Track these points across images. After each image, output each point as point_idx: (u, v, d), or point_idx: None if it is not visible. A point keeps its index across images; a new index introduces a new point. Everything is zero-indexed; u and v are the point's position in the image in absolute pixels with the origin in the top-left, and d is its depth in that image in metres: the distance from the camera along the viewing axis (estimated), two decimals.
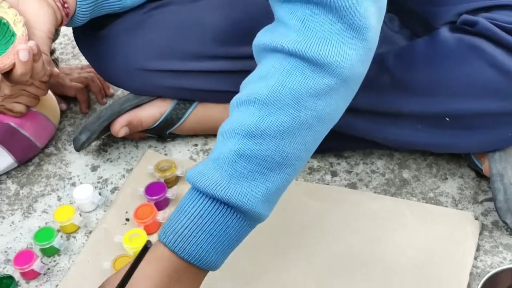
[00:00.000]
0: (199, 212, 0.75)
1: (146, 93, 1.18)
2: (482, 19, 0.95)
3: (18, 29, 0.95)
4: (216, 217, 0.75)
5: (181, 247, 0.75)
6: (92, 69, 1.37)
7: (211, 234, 0.75)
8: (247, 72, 1.10)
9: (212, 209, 0.75)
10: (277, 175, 0.76)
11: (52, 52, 1.35)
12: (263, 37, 0.79)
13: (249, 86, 0.79)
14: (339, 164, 1.16)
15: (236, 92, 1.13)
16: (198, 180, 0.75)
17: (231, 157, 0.75)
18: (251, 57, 1.09)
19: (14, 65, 0.93)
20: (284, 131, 0.75)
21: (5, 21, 0.96)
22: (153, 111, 1.19)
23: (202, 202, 0.75)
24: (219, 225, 0.75)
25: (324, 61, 0.74)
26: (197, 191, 0.76)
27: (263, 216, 0.78)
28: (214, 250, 0.76)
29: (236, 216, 0.76)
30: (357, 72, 0.78)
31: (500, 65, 0.93)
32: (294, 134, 0.76)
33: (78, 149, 1.18)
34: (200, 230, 0.75)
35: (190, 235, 0.75)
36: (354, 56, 0.75)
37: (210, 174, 0.75)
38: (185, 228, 0.75)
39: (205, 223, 0.75)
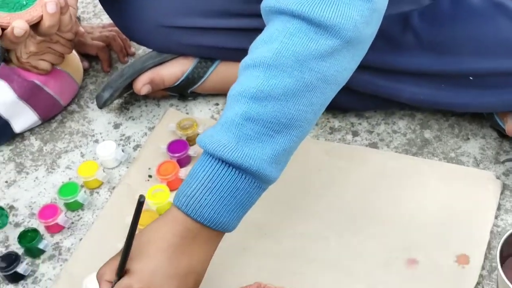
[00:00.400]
0: (209, 175, 0.76)
1: (169, 51, 1.18)
2: None
3: None
4: (225, 179, 0.76)
5: (193, 209, 0.76)
6: (114, 28, 1.37)
7: (221, 196, 0.76)
8: None
9: (221, 172, 0.76)
10: (283, 137, 0.77)
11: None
12: (269, 0, 0.79)
13: (255, 50, 0.79)
14: (360, 124, 1.17)
15: None
16: (208, 144, 0.76)
17: (238, 120, 0.76)
18: None
19: (41, 17, 0.93)
20: (289, 93, 0.76)
21: None
22: (175, 69, 1.19)
23: (211, 165, 0.76)
24: (228, 188, 0.76)
25: (327, 22, 0.74)
26: (207, 154, 0.77)
27: (271, 177, 0.78)
28: (226, 212, 0.77)
29: (245, 178, 0.77)
30: (362, 34, 0.77)
31: None
32: (299, 96, 0.76)
33: (100, 106, 1.19)
34: (210, 192, 0.76)
35: (202, 198, 0.76)
36: (357, 18, 0.75)
37: (218, 137, 0.76)
38: (197, 191, 0.76)
39: (215, 185, 0.76)
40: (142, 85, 1.18)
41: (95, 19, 1.47)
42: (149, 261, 0.76)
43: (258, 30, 1.09)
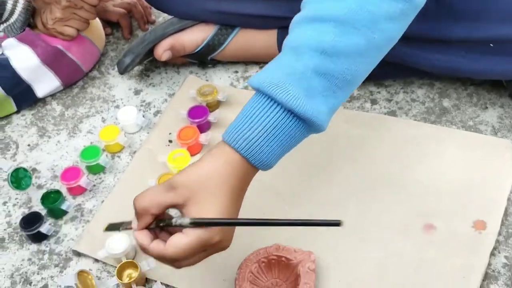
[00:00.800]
0: (274, 122, 0.77)
1: (189, 17, 1.19)
2: None
3: None
4: (289, 129, 0.77)
5: (253, 154, 0.77)
6: None
7: (281, 144, 0.78)
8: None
9: (286, 121, 0.77)
10: (343, 93, 0.79)
11: None
12: None
13: (318, 5, 0.79)
14: (379, 92, 1.17)
15: (280, 17, 1.13)
16: (274, 91, 0.76)
17: (309, 73, 0.76)
18: None
19: None
20: (359, 51, 0.77)
21: None
22: (196, 36, 1.20)
23: (277, 113, 0.77)
24: (289, 136, 0.78)
25: None
26: (272, 101, 0.77)
27: (324, 129, 0.81)
28: (277, 157, 0.79)
29: (304, 129, 0.79)
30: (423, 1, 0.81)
31: None
32: (366, 55, 0.78)
33: (122, 71, 1.20)
34: (273, 140, 0.77)
35: (263, 144, 0.77)
36: None
37: (286, 87, 0.76)
38: (260, 137, 0.77)
39: (278, 133, 0.77)
40: (163, 51, 1.19)
41: None
42: (217, 204, 0.76)
43: None
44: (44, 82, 1.19)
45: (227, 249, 0.79)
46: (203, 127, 1.12)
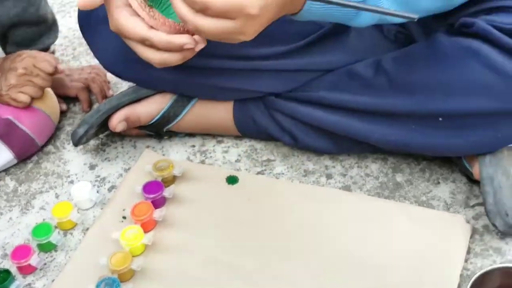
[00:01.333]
0: None
1: (146, 86, 1.19)
2: (479, 20, 0.97)
3: None
4: None
5: None
6: (93, 70, 1.38)
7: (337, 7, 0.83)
8: (253, 71, 1.13)
9: None
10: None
11: (52, 53, 1.37)
12: None
13: None
14: (334, 167, 1.18)
15: (237, 89, 1.15)
16: None
17: None
18: (259, 58, 1.11)
19: None
20: None
21: None
22: (151, 107, 1.20)
23: None
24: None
25: None
26: None
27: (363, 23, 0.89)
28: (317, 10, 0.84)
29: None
30: None
31: (495, 65, 0.95)
32: None
33: (76, 143, 1.19)
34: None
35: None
36: None
37: None
38: None
39: None
40: (117, 122, 1.19)
41: (74, 62, 1.49)
42: None
43: (239, 70, 1.12)
44: None
45: None
46: (158, 203, 1.11)
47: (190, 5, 0.76)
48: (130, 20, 0.84)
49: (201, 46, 0.85)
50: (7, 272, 1.02)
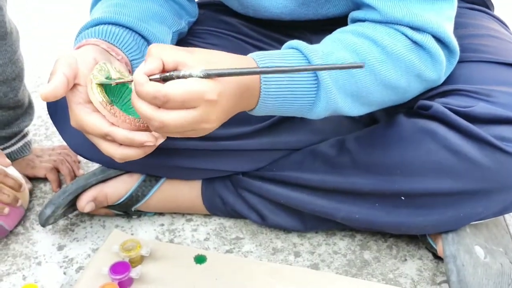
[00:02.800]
0: (299, 83, 0.88)
1: (114, 167, 1.20)
2: (436, 103, 1.00)
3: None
4: (303, 86, 0.88)
5: (267, 84, 0.86)
6: (63, 151, 1.39)
7: (291, 102, 0.90)
8: (219, 151, 1.14)
9: (306, 79, 0.88)
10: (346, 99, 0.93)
11: (25, 135, 1.38)
12: None
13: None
14: (302, 244, 1.19)
15: (205, 169, 1.16)
16: (309, 53, 0.88)
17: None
18: (225, 138, 1.13)
19: None
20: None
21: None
22: (119, 187, 1.21)
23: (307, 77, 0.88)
24: (301, 99, 0.89)
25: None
26: (305, 59, 0.89)
27: (318, 116, 0.93)
28: (273, 106, 0.89)
29: (312, 96, 0.89)
30: None
31: (452, 146, 0.97)
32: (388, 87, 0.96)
33: (43, 224, 1.19)
34: (288, 99, 0.88)
35: (280, 95, 0.88)
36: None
37: (321, 57, 0.89)
38: (281, 90, 0.87)
39: (294, 85, 0.88)
40: (85, 202, 1.19)
41: (47, 141, 1.50)
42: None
43: (209, 150, 1.14)
44: None
45: None
46: (125, 284, 1.10)
47: (151, 101, 0.79)
48: (91, 116, 0.87)
49: (161, 141, 0.89)
50: None
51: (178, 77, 0.79)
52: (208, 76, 0.78)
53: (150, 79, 0.79)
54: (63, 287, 1.13)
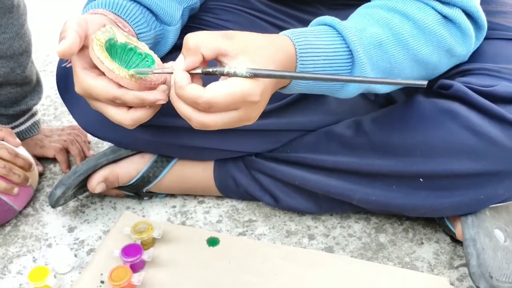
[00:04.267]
0: (334, 62, 0.86)
1: (125, 146, 1.18)
2: (457, 83, 0.97)
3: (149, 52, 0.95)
4: (337, 61, 0.86)
5: (303, 61, 0.84)
6: (73, 131, 1.37)
7: (323, 84, 0.88)
8: (232, 131, 1.12)
9: (343, 63, 0.86)
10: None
11: (34, 114, 1.36)
12: None
13: None
14: (316, 227, 1.17)
15: (217, 149, 1.14)
16: (345, 30, 0.86)
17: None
18: None
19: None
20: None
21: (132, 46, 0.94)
22: (130, 168, 1.19)
23: (339, 47, 0.86)
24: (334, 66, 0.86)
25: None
26: (340, 37, 0.86)
27: (348, 94, 0.91)
28: (309, 88, 0.88)
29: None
30: None
31: (473, 127, 0.95)
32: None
33: (53, 205, 1.17)
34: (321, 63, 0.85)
35: (316, 64, 0.85)
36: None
37: (358, 35, 0.86)
38: (317, 70, 0.85)
39: (332, 63, 0.85)
40: (96, 183, 1.17)
41: (56, 122, 1.48)
42: (273, 66, 0.79)
43: (222, 130, 1.12)
44: None
45: None
46: (137, 267, 1.09)
47: (193, 105, 0.78)
48: (98, 80, 0.85)
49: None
50: None
51: (222, 74, 0.77)
52: (254, 76, 0.76)
53: (191, 73, 0.78)
54: (74, 269, 1.12)
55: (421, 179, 1.01)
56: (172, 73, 0.81)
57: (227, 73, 0.77)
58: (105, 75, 0.85)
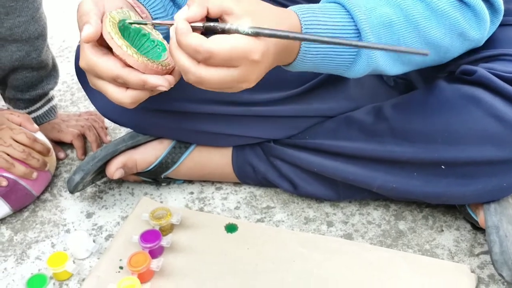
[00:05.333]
0: (341, 34, 0.84)
1: (144, 132, 1.18)
2: (480, 69, 0.96)
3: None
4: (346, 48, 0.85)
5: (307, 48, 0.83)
6: (90, 117, 1.37)
7: (331, 59, 0.86)
8: (251, 117, 1.11)
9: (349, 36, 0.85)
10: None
11: (51, 99, 1.36)
12: None
13: None
14: (335, 214, 1.16)
15: (236, 135, 1.14)
16: (356, 11, 0.85)
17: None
18: (257, 104, 1.10)
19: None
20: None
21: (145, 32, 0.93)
22: (149, 154, 1.19)
23: (344, 23, 0.85)
24: (341, 56, 0.86)
25: None
26: (348, 14, 0.85)
27: (356, 74, 0.90)
28: (312, 61, 0.86)
29: (354, 60, 0.87)
30: None
31: (497, 113, 0.93)
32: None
33: (71, 190, 1.17)
34: (328, 55, 0.85)
35: (320, 52, 0.84)
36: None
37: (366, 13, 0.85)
38: (322, 46, 0.84)
39: (335, 47, 0.85)
40: (115, 169, 1.17)
41: (72, 107, 1.48)
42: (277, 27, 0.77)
43: (241, 116, 1.11)
44: None
45: None
46: (155, 253, 1.09)
47: (193, 54, 0.76)
48: (104, 58, 0.84)
49: (173, 84, 0.87)
50: None
51: (223, 30, 0.75)
52: (256, 34, 0.75)
53: (192, 26, 0.76)
54: (92, 255, 1.12)
55: (442, 166, 1.00)
56: (173, 24, 0.79)
57: (229, 29, 0.75)
58: (112, 53, 0.85)
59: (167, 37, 1.03)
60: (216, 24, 0.76)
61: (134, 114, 1.14)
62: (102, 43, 0.85)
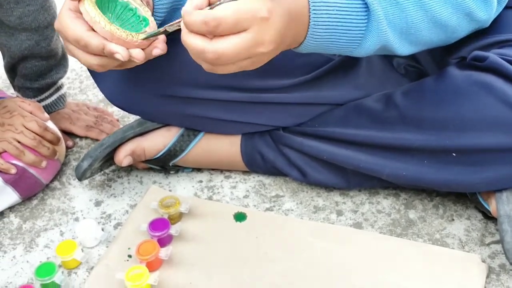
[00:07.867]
0: (349, 13, 0.84)
1: (152, 119, 1.17)
2: (492, 55, 0.95)
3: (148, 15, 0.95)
4: (355, 22, 0.85)
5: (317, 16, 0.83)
6: (100, 115, 1.36)
7: (341, 34, 0.86)
8: (260, 104, 1.11)
9: (358, 15, 0.85)
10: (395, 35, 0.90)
11: (60, 87, 1.36)
12: None
13: None
14: (344, 203, 1.15)
15: (246, 122, 1.13)
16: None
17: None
18: (266, 90, 1.09)
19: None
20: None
21: (132, 6, 0.95)
22: (157, 141, 1.18)
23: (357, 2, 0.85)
24: (351, 31, 0.86)
25: None
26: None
27: (367, 52, 0.90)
28: (321, 44, 0.86)
29: (364, 35, 0.87)
30: None
31: (509, 100, 0.92)
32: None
33: (79, 177, 1.17)
34: (338, 30, 0.85)
35: (329, 26, 0.84)
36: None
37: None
38: (331, 19, 0.83)
39: (346, 15, 0.84)
40: (123, 156, 1.16)
41: (81, 95, 1.48)
42: None
43: (250, 103, 1.10)
44: (2, 198, 1.16)
45: None
46: (164, 241, 1.08)
47: (202, 29, 0.76)
48: (74, 21, 0.87)
49: (140, 57, 0.89)
50: None
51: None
52: None
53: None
54: (101, 243, 1.12)
55: (453, 154, 0.99)
56: (180, 21, 0.80)
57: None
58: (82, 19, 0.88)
59: (170, 14, 1.03)
60: (220, 1, 0.77)
61: (142, 101, 1.13)
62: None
